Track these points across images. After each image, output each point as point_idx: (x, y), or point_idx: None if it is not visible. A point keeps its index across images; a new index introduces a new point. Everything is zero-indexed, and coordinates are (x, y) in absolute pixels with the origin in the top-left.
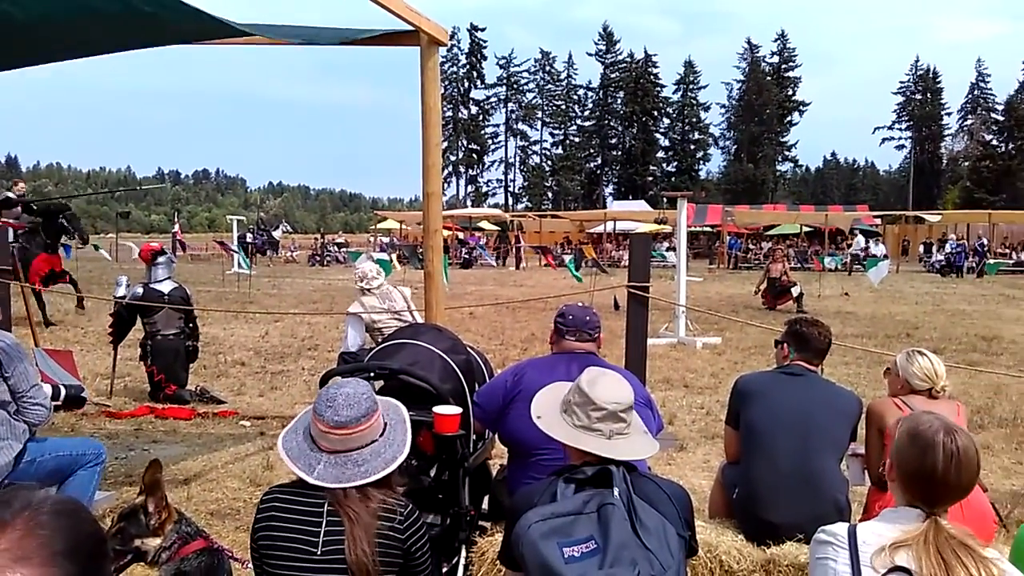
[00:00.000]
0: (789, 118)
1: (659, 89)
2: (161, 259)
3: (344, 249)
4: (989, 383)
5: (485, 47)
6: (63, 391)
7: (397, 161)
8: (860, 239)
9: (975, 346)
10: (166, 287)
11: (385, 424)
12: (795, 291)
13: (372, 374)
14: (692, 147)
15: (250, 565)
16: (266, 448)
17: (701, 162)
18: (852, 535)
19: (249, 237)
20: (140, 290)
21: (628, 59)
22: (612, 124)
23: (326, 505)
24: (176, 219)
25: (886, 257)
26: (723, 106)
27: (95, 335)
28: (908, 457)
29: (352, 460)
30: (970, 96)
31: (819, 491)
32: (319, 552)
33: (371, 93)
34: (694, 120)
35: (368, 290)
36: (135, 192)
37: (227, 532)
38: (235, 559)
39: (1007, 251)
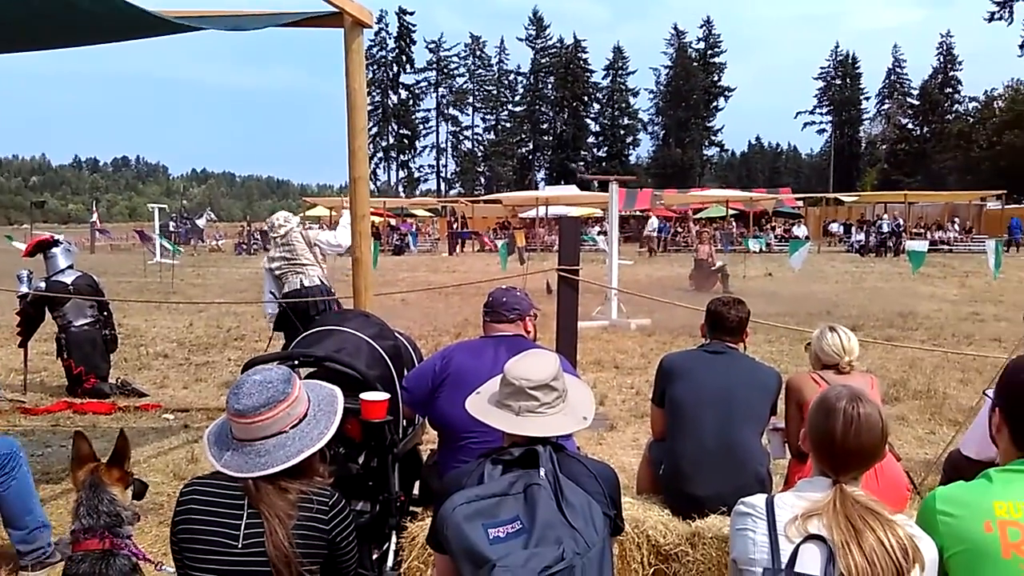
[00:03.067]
0: (715, 103)
1: (589, 74)
2: (56, 249)
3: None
4: (904, 357)
5: (414, 31)
6: None
7: (326, 147)
8: (653, 221)
9: (891, 322)
10: (69, 277)
11: (305, 415)
12: (718, 269)
13: (297, 362)
14: (622, 132)
15: (166, 567)
16: (191, 441)
17: (631, 147)
18: (770, 506)
19: (172, 226)
20: (42, 284)
21: (558, 44)
22: (543, 109)
23: (246, 496)
24: (95, 208)
25: (807, 239)
26: (651, 91)
27: (8, 330)
28: (814, 424)
29: (255, 450)
30: (887, 81)
31: (741, 465)
32: (240, 545)
33: (298, 77)
34: (623, 105)
35: (274, 239)
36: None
37: (150, 527)
38: (146, 560)
39: (922, 231)
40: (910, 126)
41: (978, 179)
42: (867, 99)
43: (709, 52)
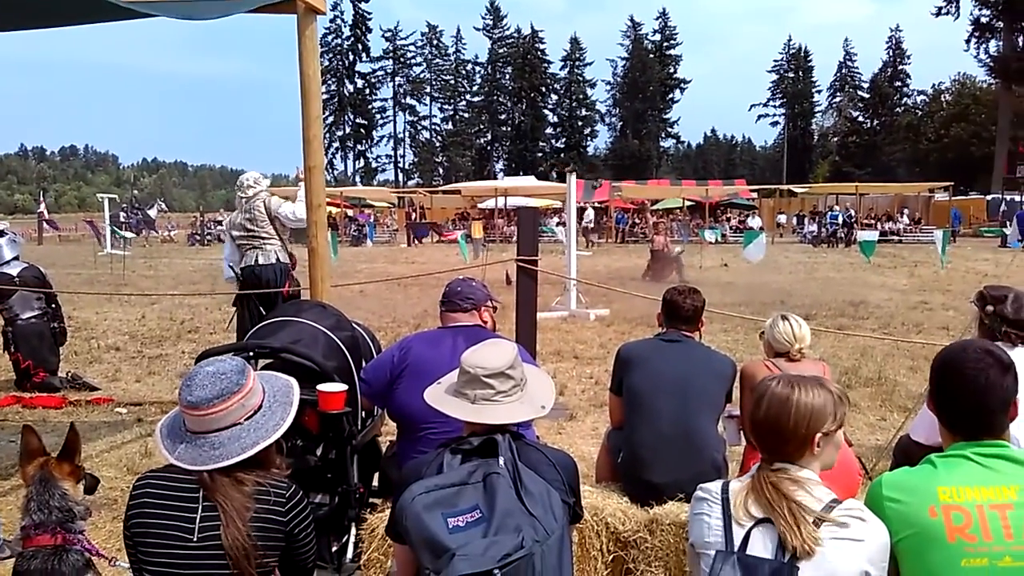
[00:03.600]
0: (671, 95)
1: (546, 65)
2: (2, 240)
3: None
4: (856, 346)
5: (370, 19)
6: None
7: (281, 136)
8: (589, 212)
9: (843, 311)
10: (14, 268)
11: (260, 406)
12: (674, 257)
13: (252, 353)
14: (579, 123)
15: (121, 562)
16: (144, 435)
17: (588, 138)
18: (725, 491)
19: (123, 216)
20: None
21: (515, 34)
22: (501, 100)
23: (201, 489)
24: (42, 198)
25: (762, 230)
26: (608, 83)
27: None
28: (751, 408)
29: (209, 443)
30: (838, 74)
31: (698, 451)
32: (195, 538)
33: (252, 65)
34: (581, 97)
35: (240, 200)
36: None
37: (103, 523)
38: (100, 555)
39: (872, 221)
40: (860, 119)
41: (926, 171)
42: (819, 92)
43: (665, 44)
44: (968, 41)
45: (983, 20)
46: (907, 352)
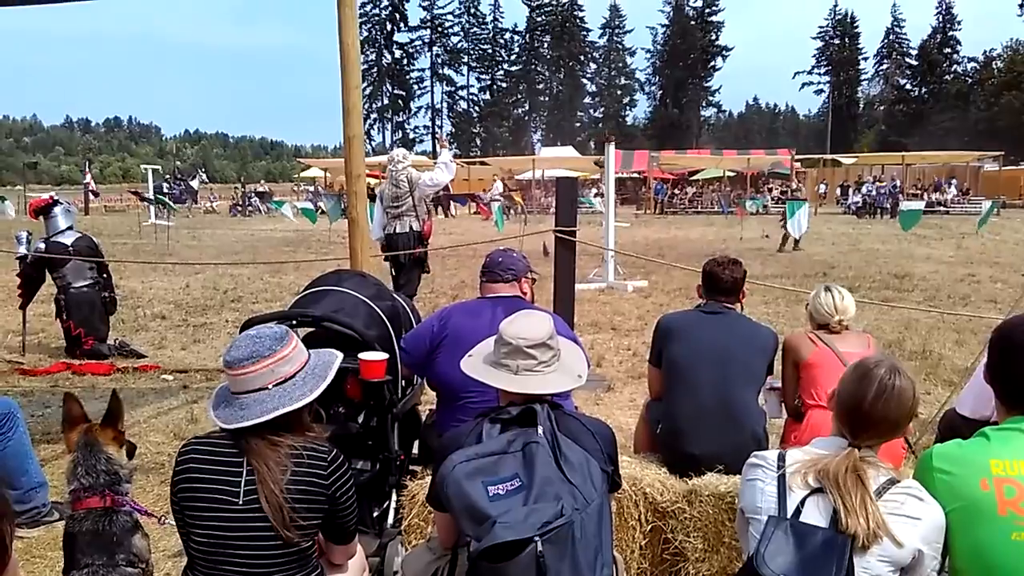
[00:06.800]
0: (713, 63)
1: (585, 33)
2: (57, 209)
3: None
4: (900, 318)
5: None
6: None
7: (319, 107)
8: (497, 184)
9: (888, 283)
10: (69, 238)
11: (293, 376)
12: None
13: (294, 322)
14: (618, 92)
15: (169, 520)
16: (190, 402)
17: (628, 108)
18: (781, 460)
19: (166, 187)
20: (42, 245)
21: (554, 2)
22: (539, 69)
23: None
24: (87, 169)
25: (805, 200)
26: (648, 51)
27: (5, 291)
28: (846, 386)
29: (239, 403)
30: (885, 41)
31: (738, 424)
32: (241, 502)
33: (291, 35)
34: (620, 65)
35: (391, 172)
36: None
37: (151, 487)
38: (148, 514)
39: (918, 192)
40: (908, 87)
41: (975, 140)
42: (865, 59)
43: (707, 11)
44: (1022, 6)
45: None
46: (953, 325)
